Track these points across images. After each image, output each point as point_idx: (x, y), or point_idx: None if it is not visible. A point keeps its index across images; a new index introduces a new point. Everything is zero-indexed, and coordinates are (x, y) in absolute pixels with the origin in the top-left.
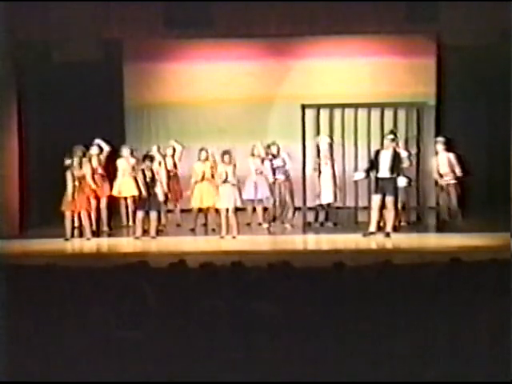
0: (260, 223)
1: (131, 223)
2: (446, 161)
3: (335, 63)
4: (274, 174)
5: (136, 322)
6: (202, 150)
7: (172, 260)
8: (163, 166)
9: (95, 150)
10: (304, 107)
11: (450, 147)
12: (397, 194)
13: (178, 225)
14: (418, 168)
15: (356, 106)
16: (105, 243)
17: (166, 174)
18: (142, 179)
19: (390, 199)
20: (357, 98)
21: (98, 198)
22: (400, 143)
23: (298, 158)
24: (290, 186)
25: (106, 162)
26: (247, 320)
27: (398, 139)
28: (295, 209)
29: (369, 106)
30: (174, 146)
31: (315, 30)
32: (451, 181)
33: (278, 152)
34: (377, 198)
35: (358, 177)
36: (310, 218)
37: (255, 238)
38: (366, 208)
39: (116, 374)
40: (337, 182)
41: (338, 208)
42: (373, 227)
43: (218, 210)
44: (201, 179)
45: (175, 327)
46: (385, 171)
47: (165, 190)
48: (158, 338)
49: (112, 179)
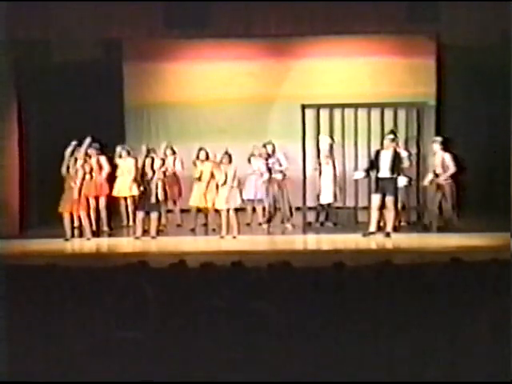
0: (260, 223)
1: (131, 223)
2: (441, 160)
3: (335, 63)
4: (270, 174)
5: (136, 322)
6: (201, 149)
7: (172, 260)
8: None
9: (88, 149)
10: (304, 107)
11: (446, 147)
12: (397, 193)
13: (178, 225)
14: (418, 168)
15: (356, 106)
16: (105, 243)
17: (166, 173)
18: (141, 179)
19: (390, 199)
20: (357, 98)
21: (97, 198)
22: (400, 143)
23: (298, 158)
24: (286, 186)
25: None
26: (247, 320)
27: (398, 139)
28: (292, 209)
29: (369, 106)
30: (172, 147)
31: (315, 30)
32: (446, 180)
33: (273, 151)
34: (376, 198)
35: (358, 176)
36: (310, 218)
37: (255, 238)
38: (365, 208)
39: (116, 374)
40: (337, 182)
41: (338, 208)
42: (373, 227)
43: (218, 210)
44: (199, 178)
45: (175, 327)
46: (385, 171)
47: (165, 190)
48: (158, 337)
49: (112, 179)
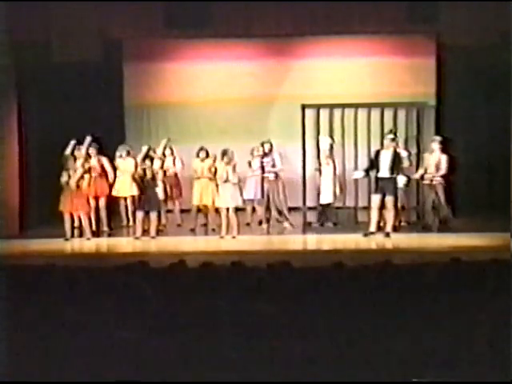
0: (260, 223)
1: (131, 223)
2: (437, 161)
3: (335, 63)
4: (263, 172)
5: (136, 322)
6: (201, 149)
7: (172, 260)
8: (161, 165)
9: (88, 149)
10: (304, 107)
11: (444, 148)
12: (396, 193)
13: (178, 225)
14: (418, 168)
15: (356, 106)
16: (105, 243)
17: (166, 173)
18: (141, 179)
19: (389, 199)
20: (357, 98)
21: (97, 198)
22: (400, 143)
23: (298, 158)
24: (278, 186)
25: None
26: (247, 320)
27: (398, 139)
28: (284, 209)
29: (369, 106)
30: (171, 146)
31: (315, 30)
32: (437, 180)
33: (270, 151)
34: (376, 198)
35: (358, 175)
36: (310, 218)
37: (255, 238)
38: (365, 208)
39: (116, 374)
40: (338, 182)
41: (338, 208)
42: (373, 227)
43: (218, 210)
44: (199, 177)
45: (175, 327)
46: (385, 171)
47: (165, 190)
48: (158, 337)
49: (112, 179)
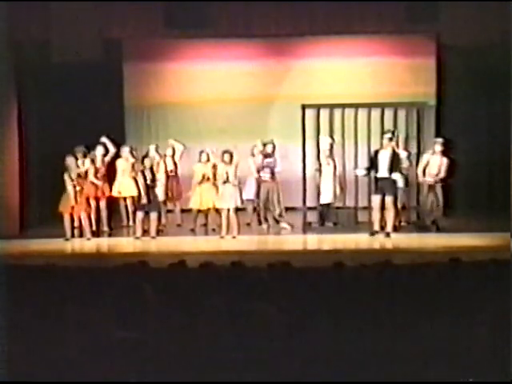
0: (260, 223)
1: (131, 223)
2: (439, 163)
3: (335, 63)
4: (259, 172)
5: (136, 322)
6: (202, 152)
7: (172, 260)
8: (162, 166)
9: (100, 151)
10: (304, 107)
11: (445, 150)
12: (396, 193)
13: (178, 225)
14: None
15: (356, 106)
16: (105, 243)
17: (166, 174)
18: (141, 179)
19: (389, 199)
20: (357, 98)
21: (97, 199)
22: (400, 143)
23: (298, 158)
24: (277, 187)
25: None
26: (247, 320)
27: (396, 138)
28: (287, 208)
29: (369, 106)
30: (173, 147)
31: (315, 30)
32: (437, 182)
33: (273, 151)
34: (377, 199)
35: (360, 173)
36: (310, 218)
37: (255, 238)
38: (366, 208)
39: (116, 374)
40: (338, 182)
41: (338, 208)
42: (376, 226)
43: (218, 210)
44: (201, 181)
45: (175, 327)
46: (384, 171)
47: (165, 190)
48: (158, 337)
49: (112, 179)
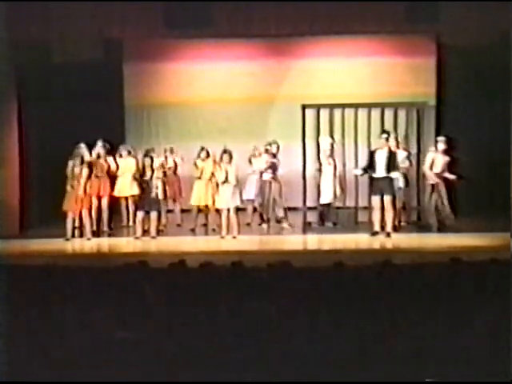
0: (260, 223)
1: (131, 223)
2: (442, 162)
3: (335, 63)
4: (264, 171)
5: (136, 322)
6: (202, 149)
7: (172, 260)
8: (161, 166)
9: (99, 150)
10: (304, 107)
11: (448, 149)
12: (394, 192)
13: (178, 225)
14: (419, 168)
15: (356, 106)
16: (105, 243)
17: (166, 173)
18: (141, 179)
19: (388, 199)
20: (357, 98)
21: (98, 198)
22: (400, 143)
23: (298, 158)
24: (280, 187)
25: (106, 162)
26: (247, 320)
27: (392, 138)
28: (288, 209)
29: (369, 106)
30: (172, 147)
31: (315, 29)
32: (440, 180)
33: (278, 151)
34: (376, 199)
35: (357, 172)
36: (310, 218)
37: (255, 238)
38: (366, 208)
39: (116, 374)
40: (339, 182)
41: (338, 208)
42: (377, 226)
43: (218, 210)
44: (199, 176)
45: (175, 327)
46: (381, 171)
47: (165, 190)
48: (158, 338)
49: (112, 179)
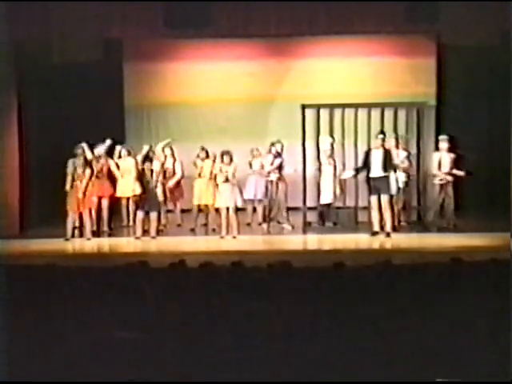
0: (260, 223)
1: (131, 223)
2: (448, 160)
3: (335, 63)
4: (271, 171)
5: (136, 322)
6: (202, 148)
7: (172, 260)
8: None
9: (101, 150)
10: (304, 107)
11: (451, 147)
12: (391, 192)
13: (178, 225)
14: (418, 168)
15: (356, 106)
16: (105, 243)
17: (165, 174)
18: (141, 179)
19: (385, 198)
20: (357, 97)
21: (99, 198)
22: (400, 143)
23: (298, 158)
24: (285, 186)
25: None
26: (247, 320)
27: (392, 138)
28: (289, 208)
29: (369, 106)
30: (171, 146)
31: (315, 29)
32: (449, 180)
33: (282, 151)
34: (374, 199)
35: (347, 175)
36: (310, 218)
37: (255, 238)
38: (366, 208)
39: (116, 374)
40: (339, 182)
41: (338, 208)
42: (376, 227)
43: (218, 210)
44: (198, 175)
45: (175, 327)
46: (377, 170)
47: (164, 190)
48: (158, 337)
49: (112, 180)
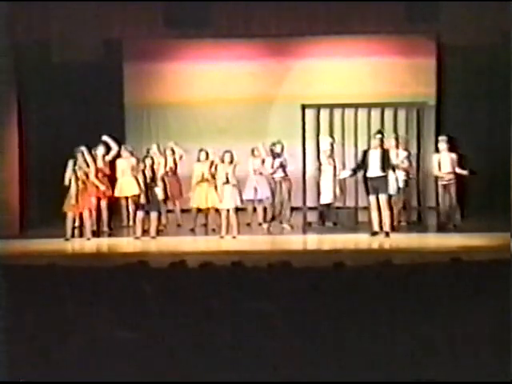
0: (260, 223)
1: (131, 223)
2: (449, 160)
3: (335, 63)
4: (274, 172)
5: (136, 322)
6: (201, 150)
7: (172, 260)
8: (163, 166)
9: (101, 150)
10: (304, 107)
11: (452, 146)
12: (389, 191)
13: (178, 225)
14: (418, 168)
15: (356, 106)
16: (105, 243)
17: (166, 173)
18: (141, 179)
19: (383, 198)
20: (357, 98)
21: (98, 198)
22: (400, 143)
23: (298, 158)
24: (290, 186)
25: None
26: (247, 320)
27: (392, 138)
28: (292, 208)
29: (369, 106)
30: (172, 148)
31: (315, 29)
32: (452, 180)
33: (282, 151)
34: (373, 199)
35: (344, 175)
36: (310, 218)
37: (255, 238)
38: (366, 208)
39: (116, 374)
40: (338, 182)
41: (338, 208)
42: (376, 227)
43: (218, 210)
44: (200, 180)
45: (175, 327)
46: (375, 170)
47: (165, 190)
48: (158, 337)
49: (112, 179)
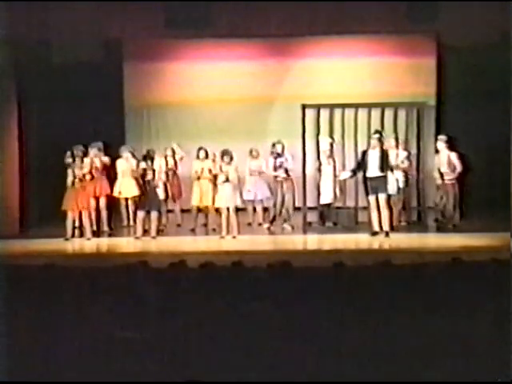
0: (260, 223)
1: (132, 223)
2: (447, 159)
3: (335, 63)
4: (276, 172)
5: (136, 322)
6: (200, 148)
7: (172, 260)
8: (163, 166)
9: (96, 150)
10: (304, 107)
11: (451, 146)
12: (388, 191)
13: (178, 225)
14: (418, 168)
15: (356, 106)
16: (105, 243)
17: (166, 173)
18: (142, 179)
19: (382, 198)
20: (357, 98)
21: (97, 198)
22: (400, 143)
23: (298, 158)
24: (292, 186)
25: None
26: (247, 320)
27: (392, 138)
28: (295, 209)
29: (369, 106)
30: (173, 148)
31: (315, 29)
32: (451, 180)
33: (283, 151)
34: (373, 199)
35: (344, 176)
36: (310, 218)
37: (255, 238)
38: (365, 208)
39: (116, 374)
40: (338, 182)
41: (338, 208)
42: (376, 227)
43: (218, 210)
44: (198, 177)
45: (175, 327)
46: (374, 170)
47: (165, 190)
48: (158, 337)
49: (112, 179)
